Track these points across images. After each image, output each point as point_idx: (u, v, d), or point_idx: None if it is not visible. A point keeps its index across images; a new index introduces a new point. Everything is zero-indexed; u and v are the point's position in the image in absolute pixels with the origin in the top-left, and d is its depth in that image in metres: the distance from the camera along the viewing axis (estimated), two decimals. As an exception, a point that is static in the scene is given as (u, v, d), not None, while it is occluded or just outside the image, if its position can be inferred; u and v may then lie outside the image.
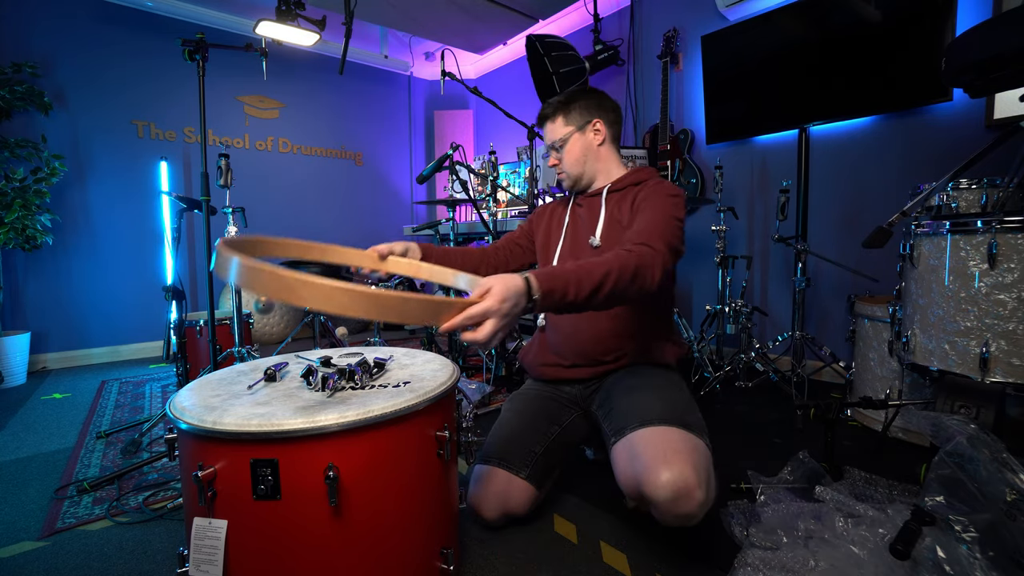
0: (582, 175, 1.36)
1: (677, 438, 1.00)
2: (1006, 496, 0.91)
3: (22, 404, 2.36)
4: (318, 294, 0.67)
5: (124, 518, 1.33)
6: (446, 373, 1.00)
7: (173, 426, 0.84)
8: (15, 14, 2.91)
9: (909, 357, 1.44)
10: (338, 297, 0.67)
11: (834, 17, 2.30)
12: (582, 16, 3.57)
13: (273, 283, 0.68)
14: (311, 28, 2.38)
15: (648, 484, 0.94)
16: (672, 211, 1.15)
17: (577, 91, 1.35)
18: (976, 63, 1.26)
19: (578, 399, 1.35)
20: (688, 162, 3.02)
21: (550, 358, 1.37)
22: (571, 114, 1.32)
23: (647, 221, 1.13)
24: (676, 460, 0.94)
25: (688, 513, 0.92)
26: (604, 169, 1.36)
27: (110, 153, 3.22)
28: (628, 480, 1.01)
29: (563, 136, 1.32)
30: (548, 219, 1.47)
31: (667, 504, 0.92)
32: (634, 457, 1.00)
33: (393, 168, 4.62)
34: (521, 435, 1.26)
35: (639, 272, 0.97)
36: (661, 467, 0.93)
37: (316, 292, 0.67)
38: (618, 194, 1.32)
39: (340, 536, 0.79)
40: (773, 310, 2.76)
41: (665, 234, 1.08)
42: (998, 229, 1.21)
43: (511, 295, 0.79)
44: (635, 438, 1.04)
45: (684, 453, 0.95)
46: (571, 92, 1.35)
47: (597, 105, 1.33)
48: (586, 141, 1.33)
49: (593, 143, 1.33)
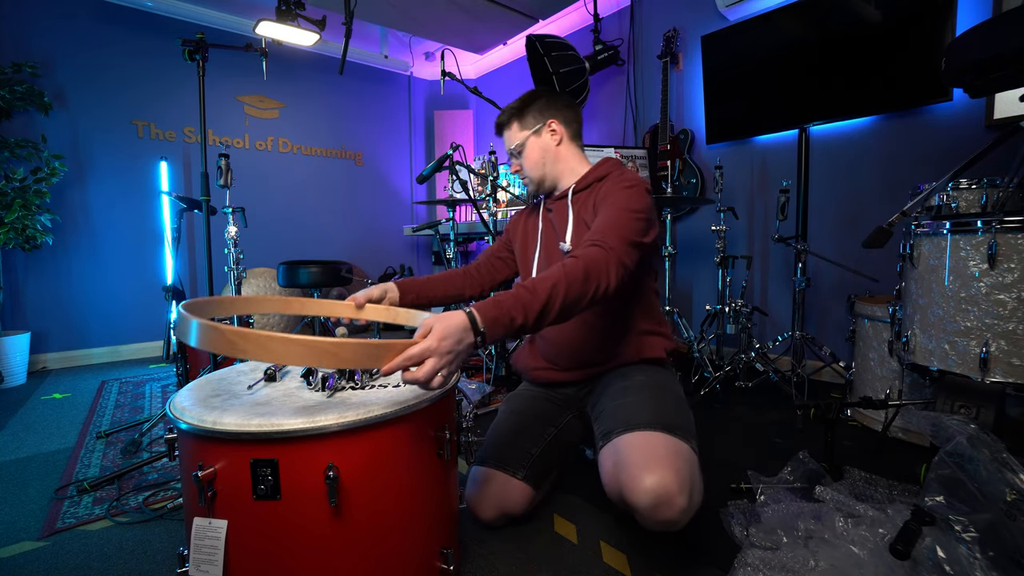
0: (544, 178, 1.34)
1: (661, 443, 0.98)
2: (1006, 496, 0.91)
3: (22, 404, 2.36)
4: (254, 346, 0.71)
5: (124, 518, 1.33)
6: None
7: (173, 426, 0.84)
8: (15, 14, 2.91)
9: (909, 357, 1.44)
10: (273, 347, 0.70)
11: (834, 17, 2.30)
12: (582, 16, 3.57)
13: (216, 338, 0.73)
14: (311, 28, 2.38)
15: (629, 490, 0.93)
16: (627, 203, 1.12)
17: (530, 94, 1.33)
18: (976, 63, 1.26)
19: (573, 400, 1.34)
20: (688, 162, 3.02)
21: (541, 363, 1.36)
22: (525, 118, 1.31)
23: (602, 219, 1.10)
24: (658, 466, 0.92)
25: (669, 519, 0.91)
26: (567, 169, 1.34)
27: (110, 153, 3.22)
28: (612, 485, 1.00)
29: (520, 141, 1.31)
30: (523, 227, 1.45)
31: (648, 510, 0.91)
32: (618, 462, 0.99)
33: (393, 168, 4.62)
34: (517, 436, 1.26)
35: (589, 277, 0.94)
36: (643, 473, 0.92)
37: (253, 344, 0.71)
38: (584, 193, 1.30)
39: (340, 536, 0.79)
40: (773, 310, 2.77)
41: (620, 229, 1.05)
42: (998, 229, 1.21)
43: (451, 332, 0.78)
44: (620, 443, 1.02)
45: (666, 459, 0.94)
46: (523, 97, 1.33)
47: (549, 105, 1.31)
48: (543, 143, 1.31)
49: (551, 144, 1.31)
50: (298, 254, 3.94)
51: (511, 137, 1.34)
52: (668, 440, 0.99)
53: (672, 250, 2.55)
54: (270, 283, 3.56)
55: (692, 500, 0.93)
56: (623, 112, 3.45)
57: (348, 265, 3.08)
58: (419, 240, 4.81)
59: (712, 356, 2.62)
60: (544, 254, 1.36)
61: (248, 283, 3.48)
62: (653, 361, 1.28)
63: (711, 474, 1.50)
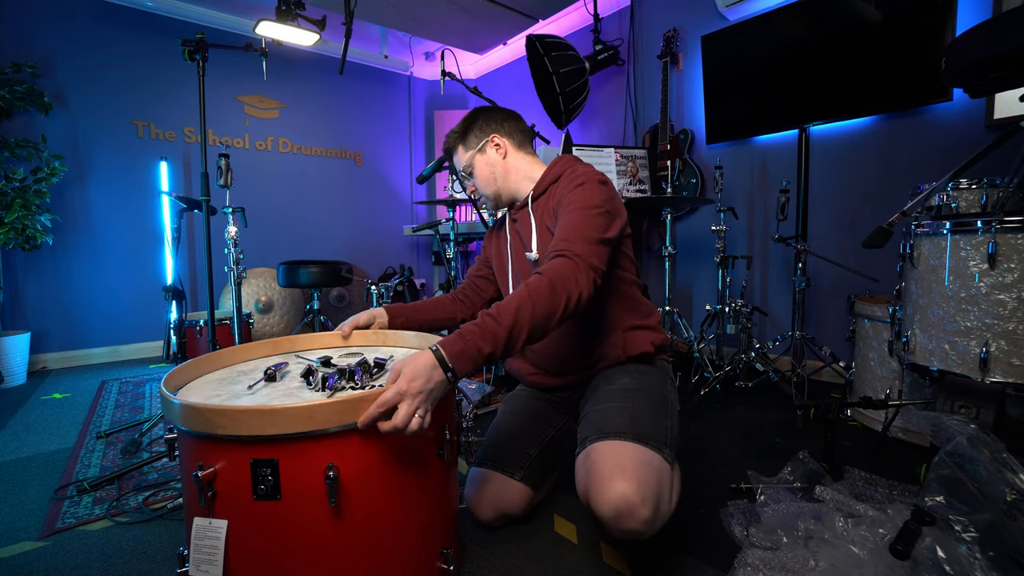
0: (499, 192, 1.33)
1: (629, 453, 0.95)
2: (1006, 496, 0.92)
3: (22, 404, 2.36)
4: (228, 420, 0.74)
5: (124, 518, 1.33)
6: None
7: (173, 426, 0.84)
8: (15, 14, 2.91)
9: (909, 357, 1.44)
10: (247, 419, 0.74)
11: (834, 17, 2.30)
12: (582, 16, 3.57)
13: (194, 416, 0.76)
14: (311, 28, 2.38)
15: (594, 500, 0.92)
16: (581, 201, 1.08)
17: (468, 115, 1.34)
18: (976, 63, 1.26)
19: (568, 403, 1.34)
20: (688, 162, 3.02)
21: (531, 369, 1.34)
22: (467, 139, 1.31)
23: (561, 224, 1.07)
24: (622, 477, 0.90)
25: (632, 530, 0.89)
26: (520, 178, 1.32)
27: (110, 153, 3.22)
28: (582, 493, 0.97)
29: (467, 162, 1.32)
30: (496, 242, 1.43)
31: (610, 520, 0.90)
32: (588, 471, 0.97)
33: (393, 168, 4.62)
34: (515, 437, 1.26)
35: (556, 290, 0.91)
36: (607, 483, 0.90)
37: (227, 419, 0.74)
38: (543, 197, 1.28)
39: (340, 536, 0.79)
40: (773, 310, 2.77)
41: (581, 230, 1.02)
42: (998, 229, 1.21)
43: (420, 372, 0.78)
44: (591, 451, 0.99)
45: (632, 470, 0.91)
46: (463, 119, 1.34)
47: (488, 120, 1.31)
48: (489, 159, 1.30)
49: (497, 159, 1.30)
50: (298, 254, 3.94)
51: (459, 161, 1.35)
52: (637, 450, 0.96)
53: (672, 250, 2.55)
54: (270, 283, 3.56)
55: (659, 511, 0.91)
56: (623, 112, 3.45)
57: (348, 265, 3.08)
58: (419, 240, 4.81)
59: (712, 356, 2.62)
60: (515, 267, 1.34)
61: (248, 283, 3.48)
62: (640, 358, 1.24)
63: (711, 474, 1.51)
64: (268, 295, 3.52)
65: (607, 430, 1.01)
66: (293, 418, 0.74)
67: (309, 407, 0.74)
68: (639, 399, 1.11)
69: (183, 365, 0.99)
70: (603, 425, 1.03)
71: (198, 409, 0.75)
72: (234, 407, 0.74)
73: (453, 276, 2.76)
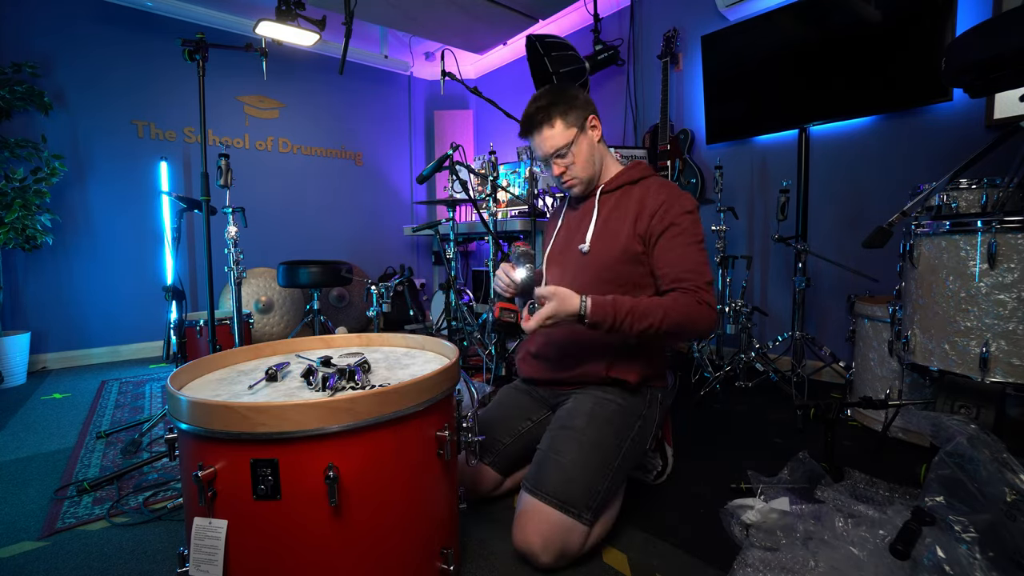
0: (593, 176, 1.30)
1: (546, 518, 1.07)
2: (1006, 496, 0.92)
3: (22, 404, 2.36)
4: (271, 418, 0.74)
5: (124, 518, 1.33)
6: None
7: (173, 426, 0.84)
8: (15, 14, 2.91)
9: (909, 357, 1.44)
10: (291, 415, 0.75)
11: (834, 17, 2.30)
12: (582, 16, 3.57)
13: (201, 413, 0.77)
14: (311, 28, 2.37)
15: (513, 539, 1.11)
16: (697, 234, 1.20)
17: (566, 89, 1.26)
18: (976, 63, 1.26)
19: (548, 400, 1.37)
20: (688, 162, 3.02)
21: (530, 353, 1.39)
22: (572, 115, 1.24)
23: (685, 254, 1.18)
24: (535, 535, 1.06)
25: (541, 567, 1.07)
26: (606, 167, 1.33)
27: (110, 153, 3.22)
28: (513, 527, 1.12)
29: (568, 140, 1.24)
30: (553, 223, 1.46)
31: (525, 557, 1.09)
32: (517, 516, 1.12)
33: (393, 168, 4.62)
34: (493, 424, 1.34)
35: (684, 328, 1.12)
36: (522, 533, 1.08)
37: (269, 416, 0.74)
38: (614, 195, 1.28)
39: (340, 536, 0.79)
40: (773, 310, 2.76)
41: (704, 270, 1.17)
42: (998, 229, 1.21)
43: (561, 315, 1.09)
44: (524, 499, 1.12)
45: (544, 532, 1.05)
46: (559, 93, 1.25)
47: (588, 99, 1.28)
48: (590, 140, 1.28)
49: (595, 140, 1.29)
50: (298, 254, 3.94)
51: (554, 136, 1.24)
52: (554, 516, 1.07)
53: (672, 250, 2.55)
54: (270, 283, 3.56)
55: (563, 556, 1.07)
56: (623, 112, 3.45)
57: (348, 265, 3.08)
58: (419, 240, 4.81)
59: (712, 356, 2.62)
60: (558, 251, 1.37)
61: (248, 283, 3.48)
62: (624, 386, 1.24)
63: (711, 474, 1.51)
64: (268, 295, 3.52)
65: (542, 485, 1.10)
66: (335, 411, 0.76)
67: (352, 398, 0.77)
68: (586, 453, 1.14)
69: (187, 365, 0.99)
70: (540, 478, 1.12)
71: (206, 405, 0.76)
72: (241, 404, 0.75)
73: (453, 276, 2.76)
